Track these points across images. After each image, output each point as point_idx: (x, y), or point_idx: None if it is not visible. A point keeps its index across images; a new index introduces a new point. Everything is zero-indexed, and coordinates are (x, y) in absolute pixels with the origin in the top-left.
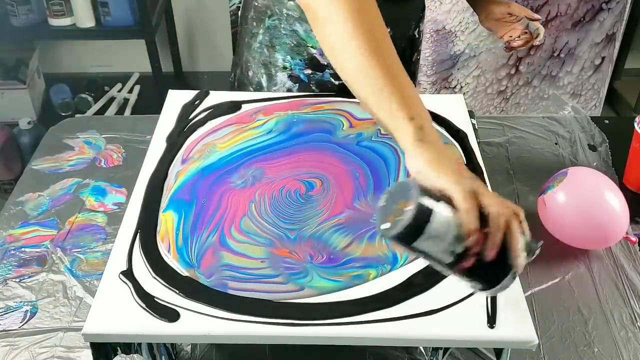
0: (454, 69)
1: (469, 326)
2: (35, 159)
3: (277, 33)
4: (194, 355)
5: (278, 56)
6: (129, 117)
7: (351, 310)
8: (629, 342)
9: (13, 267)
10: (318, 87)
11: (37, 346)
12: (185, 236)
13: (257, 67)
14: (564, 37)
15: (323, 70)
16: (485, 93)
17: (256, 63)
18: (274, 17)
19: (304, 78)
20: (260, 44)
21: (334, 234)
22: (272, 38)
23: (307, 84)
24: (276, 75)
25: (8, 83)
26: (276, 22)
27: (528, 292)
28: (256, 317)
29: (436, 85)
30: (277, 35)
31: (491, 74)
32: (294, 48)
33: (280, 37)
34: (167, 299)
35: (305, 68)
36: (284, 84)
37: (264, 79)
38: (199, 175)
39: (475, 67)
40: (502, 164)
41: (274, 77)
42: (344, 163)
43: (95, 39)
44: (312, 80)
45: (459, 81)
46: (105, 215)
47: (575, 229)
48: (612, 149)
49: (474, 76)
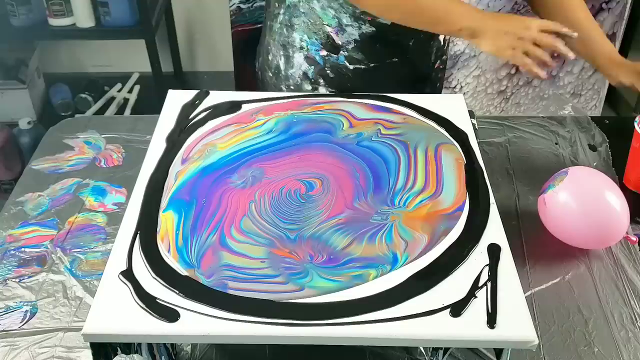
0: (454, 69)
1: (469, 326)
2: (35, 159)
3: (296, 12)
4: (194, 355)
5: (296, 35)
6: (129, 117)
7: (351, 310)
8: (629, 342)
9: (13, 267)
10: (333, 71)
11: (37, 346)
12: (185, 236)
13: (277, 49)
14: None
15: (338, 52)
16: (486, 93)
17: (276, 45)
18: None
19: (320, 60)
20: (280, 24)
21: (334, 234)
22: (291, 17)
23: (323, 67)
24: (293, 57)
25: (8, 83)
26: (296, 0)
27: (528, 292)
28: (256, 317)
29: None
30: (296, 13)
31: (491, 74)
32: (310, 26)
33: (298, 15)
34: (167, 299)
35: (321, 49)
36: (300, 66)
37: (282, 61)
38: (199, 175)
39: (475, 67)
40: (502, 164)
41: (291, 59)
42: (344, 163)
43: (95, 39)
44: (328, 63)
45: (459, 81)
46: (105, 215)
47: (575, 229)
48: (612, 149)
49: (474, 76)
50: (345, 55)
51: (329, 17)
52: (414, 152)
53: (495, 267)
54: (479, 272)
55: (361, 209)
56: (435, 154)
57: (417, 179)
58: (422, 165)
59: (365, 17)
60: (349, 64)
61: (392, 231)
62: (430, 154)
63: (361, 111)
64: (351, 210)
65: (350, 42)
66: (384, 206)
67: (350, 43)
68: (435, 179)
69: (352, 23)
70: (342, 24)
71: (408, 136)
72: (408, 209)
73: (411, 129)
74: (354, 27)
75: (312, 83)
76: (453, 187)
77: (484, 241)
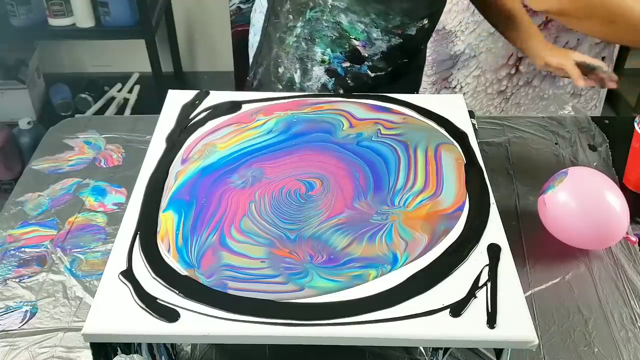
0: (454, 69)
1: (469, 326)
2: (35, 159)
3: (318, 25)
4: (194, 355)
5: (317, 49)
6: (129, 117)
7: (351, 310)
8: (629, 342)
9: (13, 267)
10: (354, 80)
11: (37, 346)
12: (185, 236)
13: (291, 62)
14: (564, 37)
15: (362, 63)
16: (485, 93)
17: (290, 58)
18: (316, 9)
19: (341, 71)
20: (297, 37)
21: (334, 234)
22: (312, 31)
23: (344, 77)
24: (312, 70)
25: (8, 83)
26: (318, 14)
27: (528, 292)
28: (256, 317)
29: (436, 85)
30: (318, 27)
31: (491, 74)
32: (335, 40)
33: (321, 29)
34: (167, 299)
35: (344, 61)
36: (319, 79)
37: (298, 74)
38: (199, 175)
39: (475, 67)
40: (502, 164)
41: (309, 72)
42: (344, 163)
43: (95, 39)
44: (349, 73)
45: (459, 81)
46: (105, 215)
47: (575, 229)
48: (612, 149)
49: (474, 76)
50: (368, 65)
51: (357, 31)
52: (414, 152)
53: (495, 267)
54: (479, 272)
55: (361, 209)
56: (435, 154)
57: (417, 179)
58: (422, 165)
59: (396, 30)
60: (370, 72)
61: (392, 231)
62: (430, 154)
63: (361, 111)
64: (351, 210)
65: (377, 54)
66: (384, 206)
67: (377, 55)
68: (435, 179)
69: (382, 37)
70: (371, 38)
71: (408, 136)
72: (408, 209)
73: (411, 129)
74: (383, 41)
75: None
76: (453, 187)
77: (484, 241)
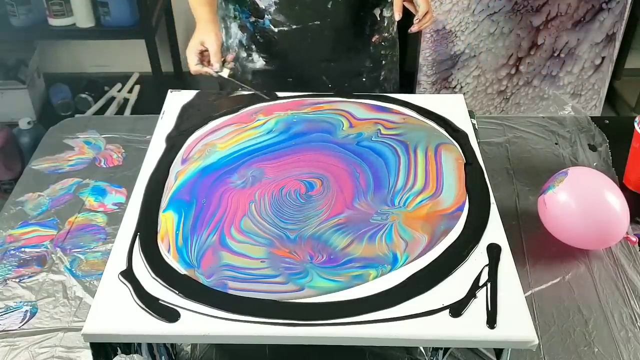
0: (454, 69)
1: (469, 326)
2: (35, 159)
3: None
4: (194, 355)
5: (230, 6)
6: (129, 117)
7: (351, 310)
8: (629, 342)
9: (13, 267)
10: (262, 36)
11: (37, 346)
12: (185, 236)
13: (221, 23)
14: (564, 37)
15: (263, 17)
16: (485, 93)
17: (220, 20)
18: None
19: (250, 27)
20: None
21: (334, 234)
22: None
23: (253, 33)
24: (230, 27)
25: (8, 83)
26: None
27: (528, 292)
28: (256, 317)
29: (436, 85)
30: None
31: (491, 74)
32: None
33: None
34: (167, 299)
35: (250, 16)
36: (236, 35)
37: (223, 33)
38: (199, 175)
39: (475, 67)
40: (502, 164)
41: (229, 30)
42: (344, 163)
43: (95, 39)
44: (257, 29)
45: (459, 81)
46: (105, 215)
47: (576, 229)
48: (612, 149)
49: (474, 76)
50: (269, 19)
51: None
52: (414, 152)
53: (495, 267)
54: (478, 272)
55: (361, 209)
56: (435, 154)
57: (417, 179)
58: (422, 165)
59: None
60: (273, 27)
61: (392, 231)
62: (430, 154)
63: (361, 111)
64: (351, 210)
65: (271, 4)
66: (383, 206)
67: (272, 6)
68: (435, 179)
69: None
70: None
71: (408, 136)
72: (408, 209)
73: (411, 129)
74: None
75: (247, 50)
76: (453, 187)
77: (484, 241)
